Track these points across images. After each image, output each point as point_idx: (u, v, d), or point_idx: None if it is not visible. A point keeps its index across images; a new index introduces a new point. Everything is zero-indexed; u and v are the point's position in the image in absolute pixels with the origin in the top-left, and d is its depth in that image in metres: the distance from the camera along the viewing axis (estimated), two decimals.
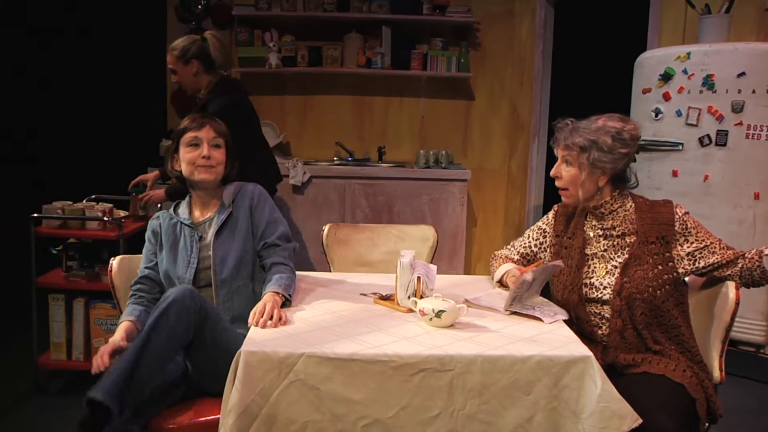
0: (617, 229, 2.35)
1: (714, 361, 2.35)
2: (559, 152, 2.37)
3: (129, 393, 1.92)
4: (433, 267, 2.37)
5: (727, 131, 3.87)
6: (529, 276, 2.23)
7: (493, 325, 2.13)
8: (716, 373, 2.33)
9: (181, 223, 2.53)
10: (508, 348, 1.92)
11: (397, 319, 2.18)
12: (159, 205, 3.93)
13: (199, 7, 5.49)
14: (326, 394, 1.87)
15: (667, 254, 2.27)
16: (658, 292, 2.25)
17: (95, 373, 2.08)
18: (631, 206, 2.36)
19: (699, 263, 2.28)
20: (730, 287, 2.30)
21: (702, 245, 2.27)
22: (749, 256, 2.23)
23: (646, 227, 2.30)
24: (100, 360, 2.13)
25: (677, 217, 2.29)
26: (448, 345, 1.94)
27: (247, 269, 2.51)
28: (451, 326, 2.10)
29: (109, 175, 4.30)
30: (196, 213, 2.58)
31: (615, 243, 2.36)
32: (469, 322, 2.15)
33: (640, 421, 1.86)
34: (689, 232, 2.28)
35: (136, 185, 3.82)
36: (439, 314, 2.08)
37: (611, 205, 2.36)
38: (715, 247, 2.27)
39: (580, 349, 1.93)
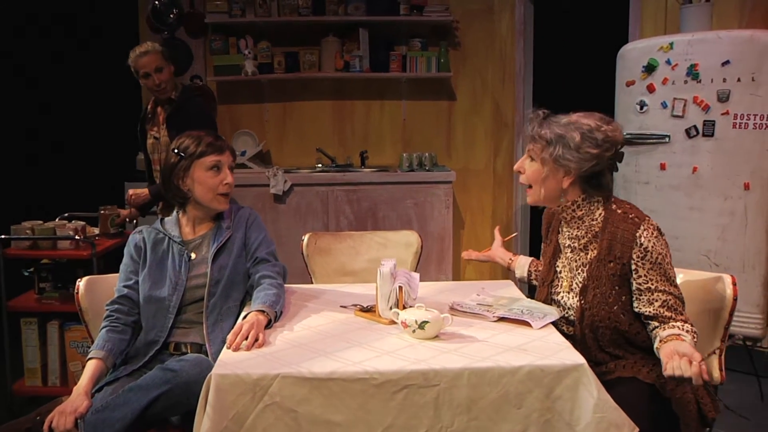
0: (581, 239, 2.18)
1: (713, 360, 2.26)
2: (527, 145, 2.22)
3: None
4: (416, 275, 2.26)
5: (714, 121, 3.78)
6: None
7: (480, 334, 2.02)
8: (716, 373, 2.24)
9: (170, 239, 2.38)
10: (496, 359, 1.81)
11: (379, 332, 2.06)
12: (135, 222, 3.81)
13: (172, 15, 5.35)
14: (304, 416, 1.75)
15: (626, 275, 2.08)
16: (622, 315, 2.09)
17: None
18: (600, 215, 2.14)
19: (635, 305, 2.09)
20: (727, 284, 2.22)
21: (644, 287, 2.06)
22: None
23: (606, 243, 2.10)
24: (62, 426, 1.95)
25: (638, 242, 2.04)
26: (432, 358, 1.83)
27: (239, 292, 2.38)
28: (436, 337, 1.99)
29: (82, 191, 4.18)
30: (186, 230, 2.42)
31: (578, 257, 2.19)
32: (454, 332, 2.03)
33: (637, 430, 1.76)
34: (642, 266, 2.05)
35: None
36: (422, 325, 1.97)
37: (574, 211, 2.17)
38: (656, 298, 2.04)
39: (573, 356, 1.83)
